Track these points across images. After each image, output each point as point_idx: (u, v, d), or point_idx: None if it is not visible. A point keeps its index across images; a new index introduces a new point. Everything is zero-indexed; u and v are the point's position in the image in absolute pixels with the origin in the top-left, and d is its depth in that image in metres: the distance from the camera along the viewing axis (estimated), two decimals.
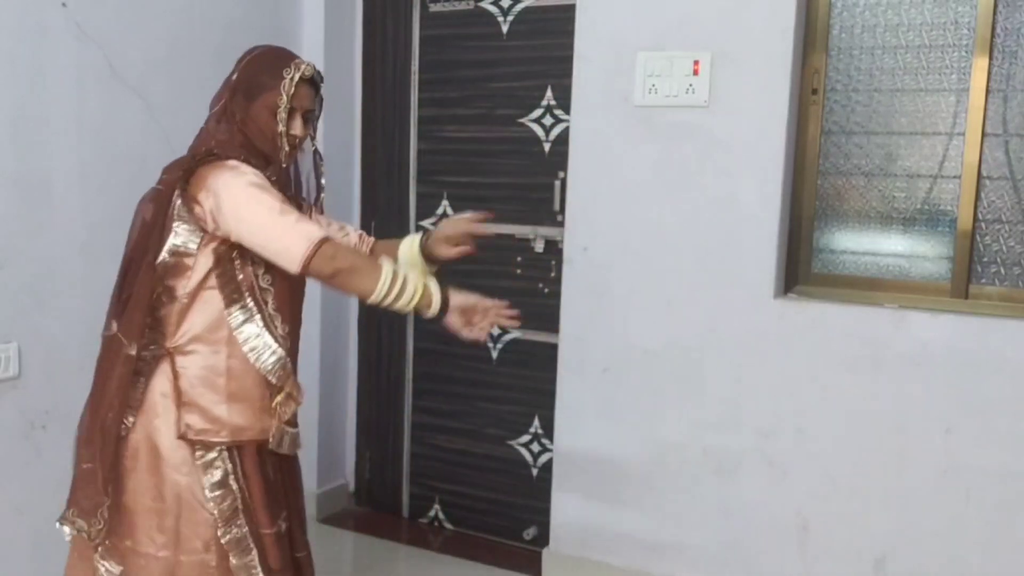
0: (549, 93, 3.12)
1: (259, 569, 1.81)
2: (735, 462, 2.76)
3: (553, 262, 3.13)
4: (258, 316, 1.81)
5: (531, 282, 3.20)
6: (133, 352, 1.79)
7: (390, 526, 3.49)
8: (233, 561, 1.81)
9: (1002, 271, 2.58)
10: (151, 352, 1.81)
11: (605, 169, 2.86)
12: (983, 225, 2.59)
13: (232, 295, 1.80)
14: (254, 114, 1.83)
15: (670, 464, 2.85)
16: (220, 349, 1.81)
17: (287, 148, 1.83)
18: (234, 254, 1.79)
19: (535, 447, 3.26)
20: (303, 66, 1.83)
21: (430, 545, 3.36)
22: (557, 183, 3.08)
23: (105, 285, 2.66)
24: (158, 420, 1.81)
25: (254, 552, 1.81)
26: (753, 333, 2.70)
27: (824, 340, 2.62)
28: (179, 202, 1.79)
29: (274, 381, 1.84)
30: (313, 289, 3.45)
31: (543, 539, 3.13)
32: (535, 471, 3.27)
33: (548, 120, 3.13)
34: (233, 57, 3.00)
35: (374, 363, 3.55)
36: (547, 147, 3.15)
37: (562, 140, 3.04)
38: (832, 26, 2.70)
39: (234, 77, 1.88)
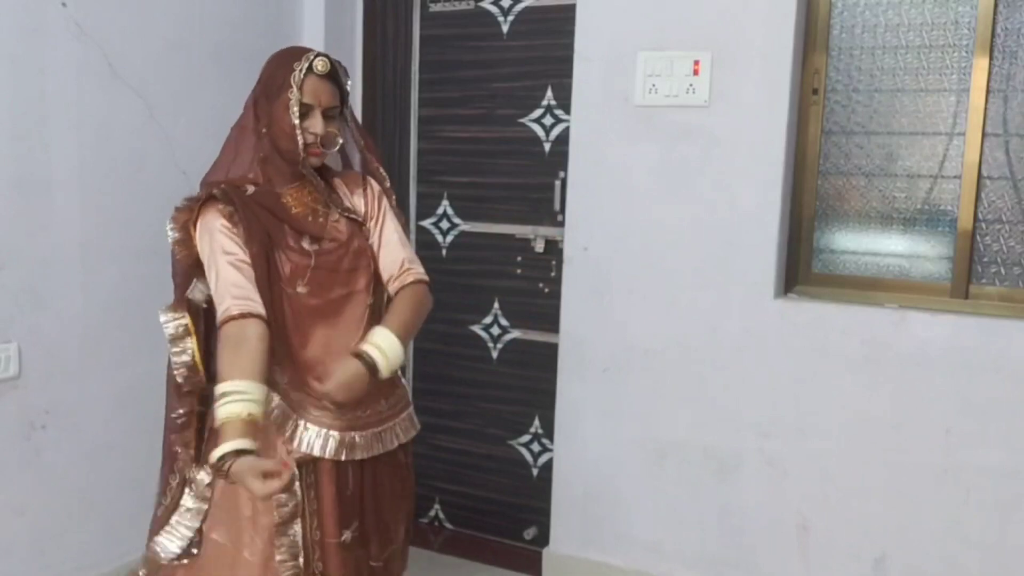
0: (549, 93, 3.12)
1: None
2: (735, 462, 2.76)
3: (553, 262, 3.13)
4: None
5: (531, 282, 3.19)
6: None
7: None
8: (277, 563, 1.79)
9: (1002, 271, 2.58)
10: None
11: (605, 169, 2.86)
12: (983, 225, 2.59)
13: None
14: (276, 115, 1.78)
15: (670, 464, 2.85)
16: None
17: (303, 143, 1.76)
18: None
19: (535, 447, 3.26)
20: (313, 59, 1.76)
21: (430, 545, 3.36)
22: (557, 183, 3.08)
23: (105, 285, 2.68)
24: None
25: (300, 560, 1.79)
26: (753, 333, 2.70)
27: (824, 340, 2.62)
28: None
29: (277, 431, 1.80)
30: None
31: (543, 539, 3.13)
32: (535, 471, 3.27)
33: (548, 120, 3.13)
34: (233, 57, 3.03)
35: None
36: (547, 147, 3.14)
37: (562, 140, 3.04)
38: (832, 26, 2.69)
39: (257, 82, 1.86)
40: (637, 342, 2.86)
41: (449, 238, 3.36)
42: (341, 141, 1.86)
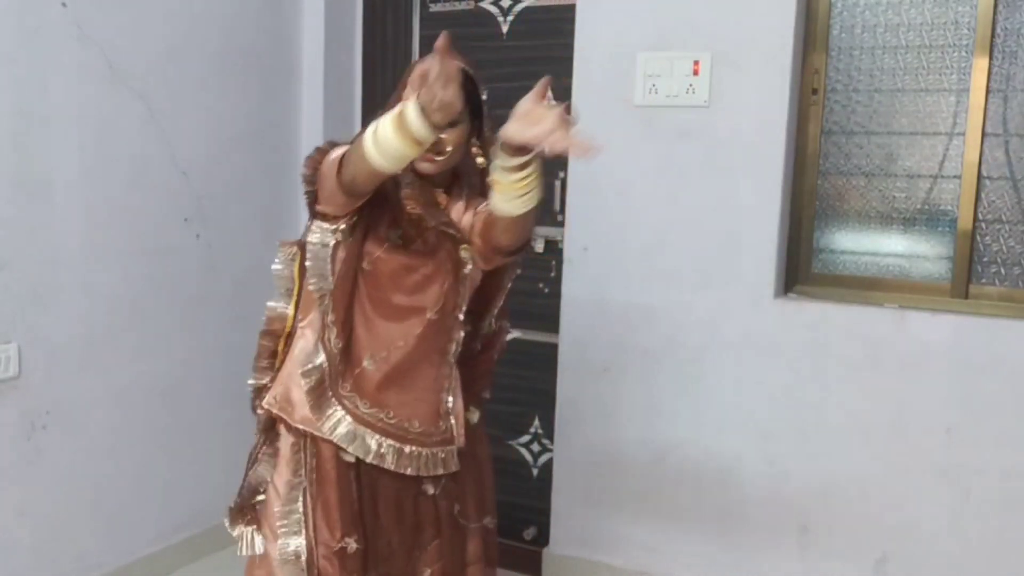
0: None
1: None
2: (735, 462, 2.76)
3: (553, 262, 3.13)
4: (317, 319, 1.81)
5: (531, 282, 3.19)
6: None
7: None
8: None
9: (1002, 271, 2.58)
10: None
11: (605, 169, 2.86)
12: (983, 225, 2.59)
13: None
14: None
15: (670, 464, 2.85)
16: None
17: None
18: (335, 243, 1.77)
19: (535, 447, 3.26)
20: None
21: None
22: (557, 183, 3.07)
23: (105, 285, 2.68)
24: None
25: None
26: (753, 333, 2.70)
27: (824, 340, 2.62)
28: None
29: (305, 388, 1.79)
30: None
31: (543, 539, 3.13)
32: (535, 471, 3.27)
33: None
34: (233, 58, 3.03)
35: None
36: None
37: None
38: (832, 26, 2.69)
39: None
40: (637, 342, 2.86)
41: None
42: (450, 149, 1.78)
